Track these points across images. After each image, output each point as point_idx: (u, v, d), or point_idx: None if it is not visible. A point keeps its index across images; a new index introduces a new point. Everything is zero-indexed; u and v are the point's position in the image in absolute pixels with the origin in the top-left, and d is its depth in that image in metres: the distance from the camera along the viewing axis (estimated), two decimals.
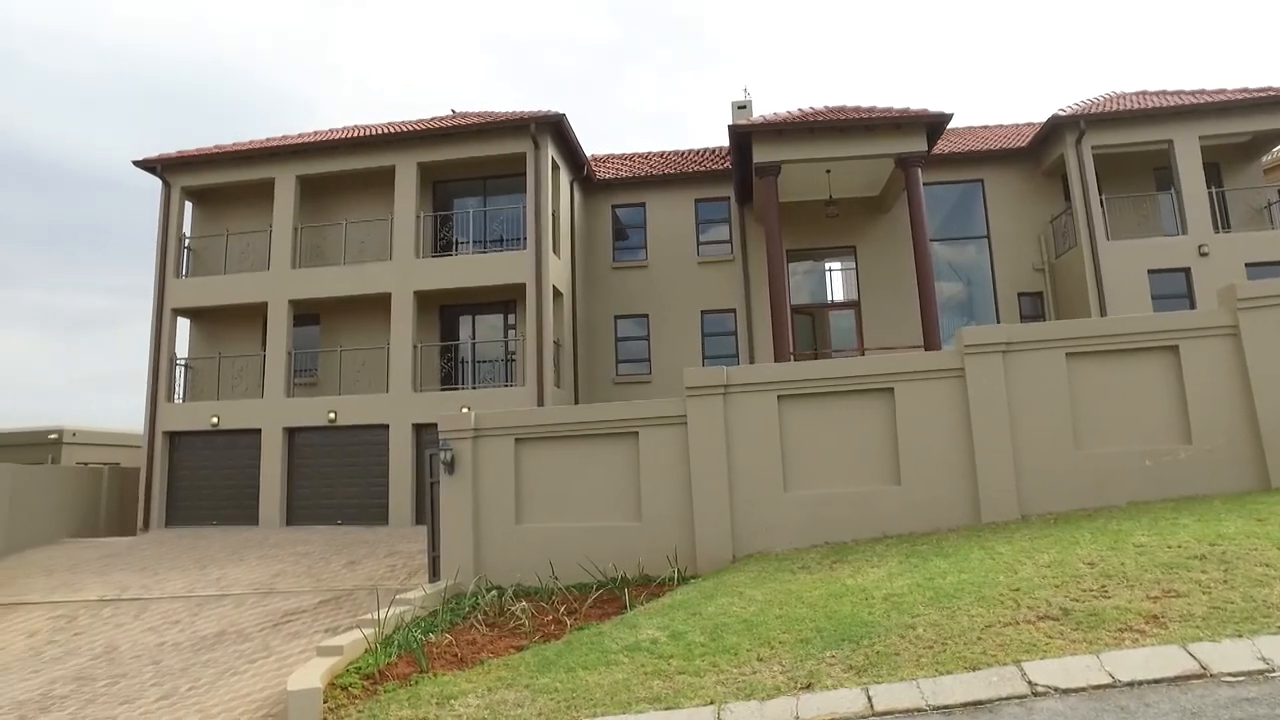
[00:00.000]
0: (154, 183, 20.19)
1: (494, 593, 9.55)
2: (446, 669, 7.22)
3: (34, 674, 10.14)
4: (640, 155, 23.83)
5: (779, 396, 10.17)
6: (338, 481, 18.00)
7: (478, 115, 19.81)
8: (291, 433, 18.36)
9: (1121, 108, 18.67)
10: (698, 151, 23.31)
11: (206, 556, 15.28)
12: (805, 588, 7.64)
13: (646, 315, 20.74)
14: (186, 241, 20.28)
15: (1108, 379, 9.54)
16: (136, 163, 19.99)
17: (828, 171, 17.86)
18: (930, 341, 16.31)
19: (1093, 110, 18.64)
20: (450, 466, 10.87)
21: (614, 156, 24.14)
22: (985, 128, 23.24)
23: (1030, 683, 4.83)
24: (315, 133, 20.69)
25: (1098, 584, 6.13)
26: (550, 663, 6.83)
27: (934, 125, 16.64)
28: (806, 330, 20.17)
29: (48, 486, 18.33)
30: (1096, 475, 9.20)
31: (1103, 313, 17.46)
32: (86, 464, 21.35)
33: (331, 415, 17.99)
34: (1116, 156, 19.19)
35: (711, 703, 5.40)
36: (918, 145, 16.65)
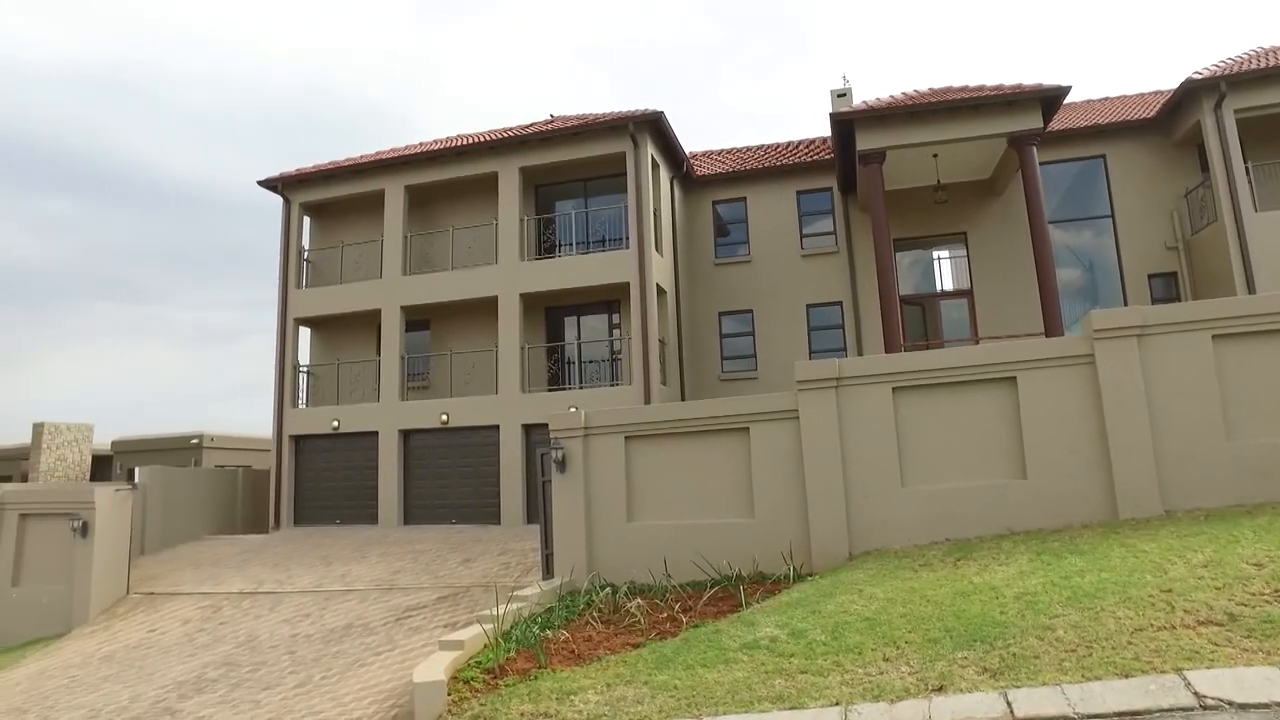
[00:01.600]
0: (277, 201, 21.33)
1: (608, 590, 9.58)
2: (564, 665, 7.27)
3: (190, 657, 10.86)
4: (739, 150, 23.57)
5: (894, 389, 9.83)
6: (451, 482, 18.54)
7: (576, 118, 20.03)
8: (406, 435, 19.04)
9: (1270, 64, 17.08)
10: (797, 143, 22.86)
11: (332, 554, 16.00)
12: (928, 585, 7.33)
13: (750, 311, 20.48)
14: (306, 254, 21.36)
15: (1264, 362, 8.76)
16: (260, 182, 21.19)
17: (935, 156, 17.17)
18: (1051, 329, 15.45)
19: (1234, 70, 17.15)
20: (561, 465, 10.99)
21: (713, 153, 23.97)
22: (1105, 100, 21.82)
23: (1197, 694, 4.42)
24: (420, 144, 21.38)
25: (1269, 587, 5.60)
26: (668, 660, 6.78)
27: (1050, 100, 15.75)
28: (916, 321, 19.47)
29: (192, 487, 19.65)
30: (1255, 468, 8.46)
31: (1251, 291, 16.09)
32: (223, 466, 22.76)
33: (444, 417, 18.56)
34: (1264, 120, 17.59)
35: (837, 703, 5.23)
36: (1032, 122, 15.79)
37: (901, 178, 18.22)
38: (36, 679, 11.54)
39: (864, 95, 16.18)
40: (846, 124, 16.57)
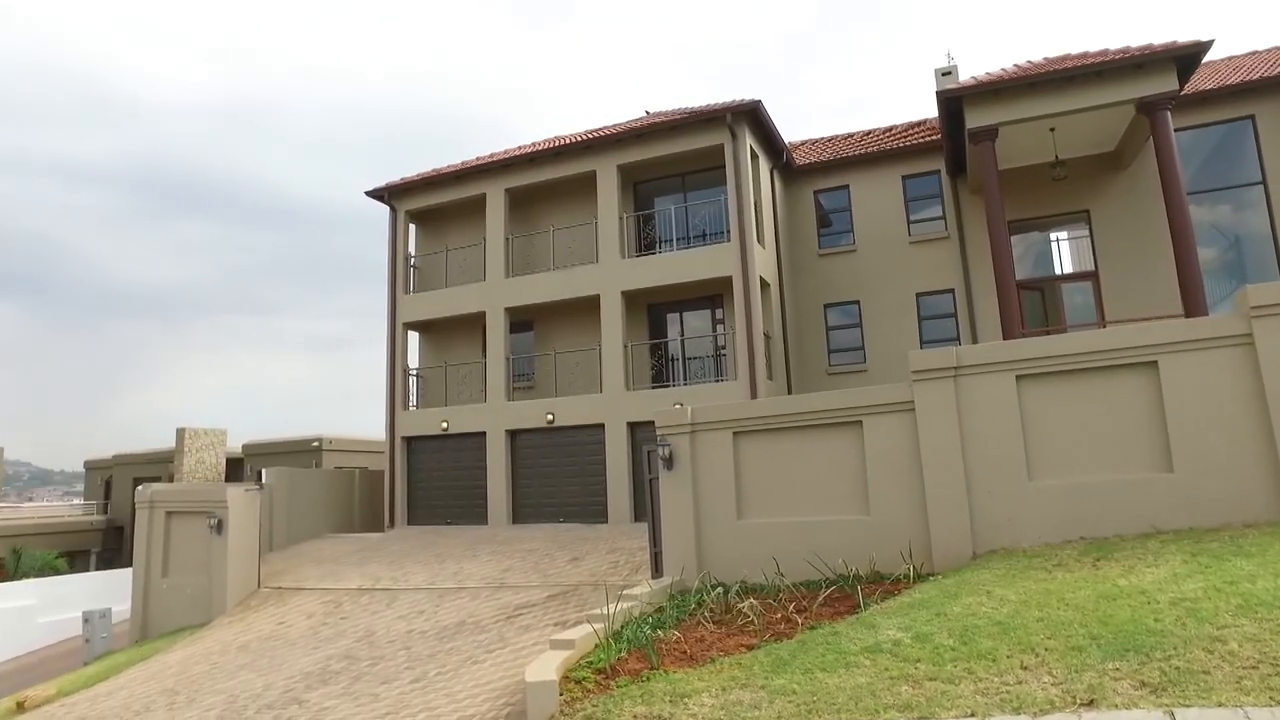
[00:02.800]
0: (385, 214, 22.05)
1: (719, 589, 9.36)
2: (676, 666, 7.09)
3: (314, 650, 11.28)
4: (839, 137, 22.87)
5: (1017, 377, 9.22)
6: (558, 481, 18.70)
7: (672, 113, 19.86)
8: (513, 435, 19.33)
9: None
10: (900, 127, 21.99)
11: (444, 552, 16.37)
12: (1065, 588, 6.79)
13: (857, 302, 19.82)
14: (412, 260, 22.00)
15: None
16: (367, 193, 21.97)
17: (1052, 130, 16.12)
18: (1192, 309, 14.23)
19: None
20: (669, 463, 10.83)
21: (812, 141, 23.36)
22: (1253, 54, 19.93)
23: None
24: (519, 147, 21.68)
25: None
26: (785, 663, 6.50)
27: (1186, 59, 14.49)
28: (1034, 306, 18.37)
29: (313, 487, 20.55)
30: None
31: None
32: (340, 468, 23.73)
33: (549, 417, 18.74)
34: None
35: (972, 715, 4.85)
36: (1165, 85, 14.57)
37: (1015, 155, 17.23)
38: (184, 664, 12.27)
39: (969, 74, 15.27)
40: (955, 101, 15.76)
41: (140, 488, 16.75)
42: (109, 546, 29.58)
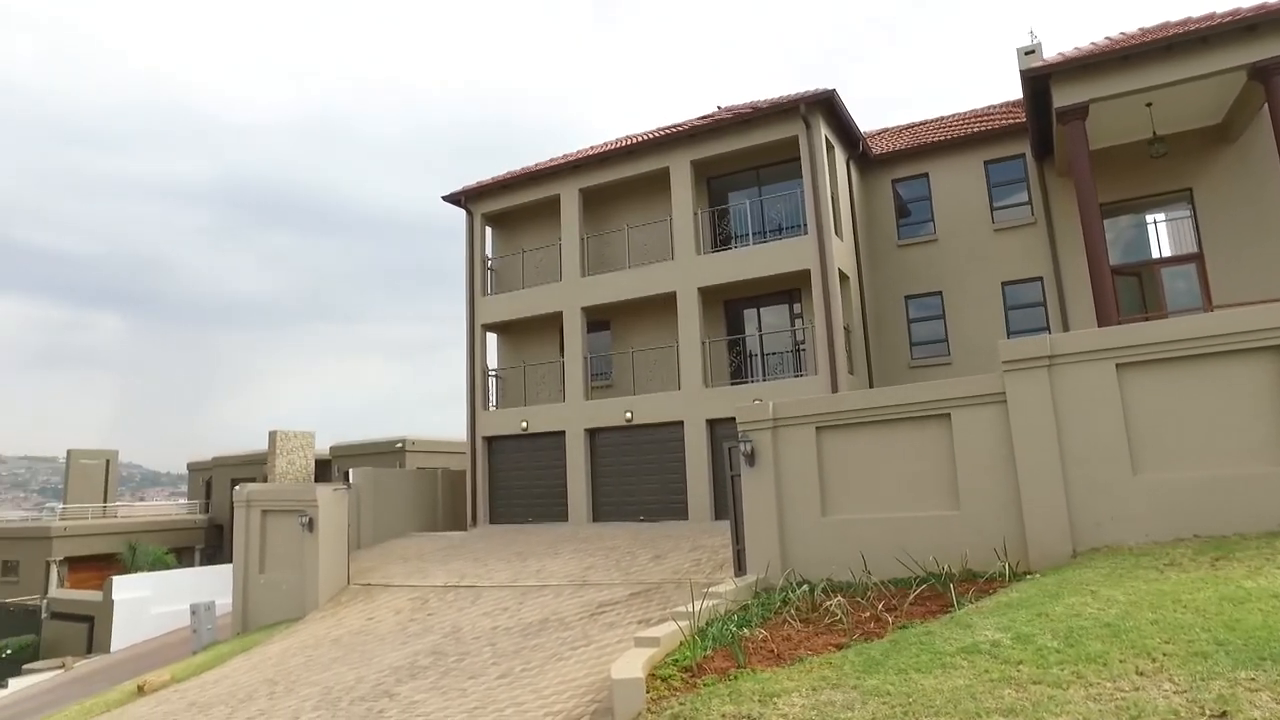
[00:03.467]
0: (461, 222, 22.47)
1: (805, 587, 9.16)
2: (764, 665, 6.96)
3: (403, 645, 11.53)
4: (916, 125, 22.23)
5: (1118, 365, 8.73)
6: (637, 479, 18.71)
7: (745, 106, 19.63)
8: (592, 433, 19.42)
9: None
10: (981, 111, 21.23)
11: (526, 550, 16.55)
12: (1182, 589, 6.37)
13: (939, 293, 19.22)
14: (489, 263, 22.33)
15: None
16: (444, 197, 22.42)
17: (1148, 105, 15.28)
18: None
19: None
20: (750, 459, 10.67)
21: (889, 130, 22.78)
22: None
23: None
24: (591, 147, 21.77)
25: None
26: (877, 663, 6.29)
27: None
28: (1130, 293, 17.44)
29: (398, 487, 21.08)
30: None
31: None
32: (423, 468, 24.28)
33: (628, 415, 18.75)
34: None
35: None
36: None
37: (1107, 134, 16.39)
38: (282, 655, 12.72)
39: (1054, 52, 14.48)
40: (1041, 80, 15.08)
41: (237, 488, 17.46)
42: (211, 543, 31.05)
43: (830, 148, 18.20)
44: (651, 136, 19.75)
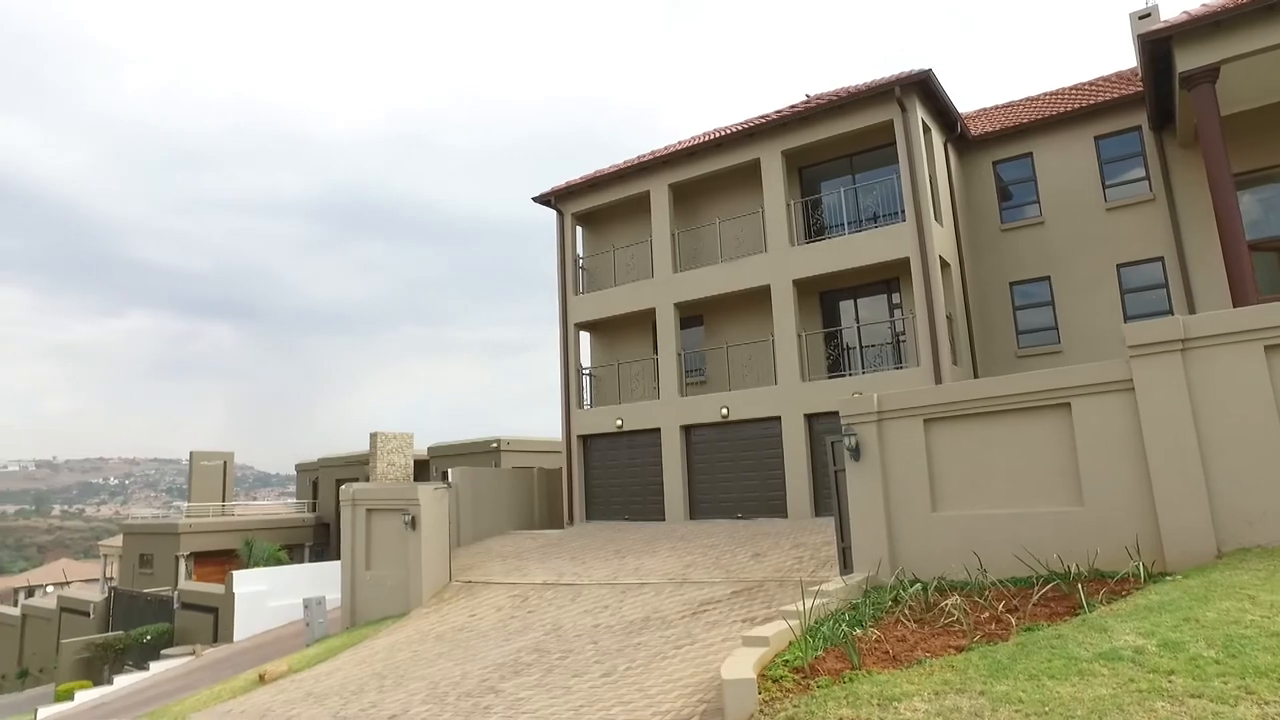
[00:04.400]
0: (544, 225, 22.70)
1: (917, 586, 8.78)
2: (879, 667, 6.66)
3: (505, 642, 11.64)
4: (1018, 103, 21.17)
5: (1266, 347, 8.01)
6: (735, 475, 18.45)
7: (835, 92, 19.11)
8: (688, 430, 19.27)
9: None
10: (1087, 84, 20.04)
11: (623, 548, 16.52)
12: None
13: (1047, 278, 18.26)
14: (580, 262, 22.45)
15: None
16: (534, 198, 22.66)
17: None
18: None
19: None
20: (855, 453, 10.32)
21: (987, 110, 21.80)
22: None
23: None
24: (679, 142, 21.60)
25: None
26: (1004, 667, 5.92)
27: None
28: (1269, 270, 16.13)
29: (495, 486, 21.41)
30: None
31: None
32: (519, 467, 24.61)
33: (724, 411, 18.51)
34: None
35: None
36: None
37: (1237, 98, 15.20)
38: (389, 650, 13.04)
39: (1169, 15, 13.28)
40: (1161, 43, 14.08)
41: (343, 487, 18.03)
42: (319, 540, 32.34)
43: (927, 130, 17.52)
44: (740, 128, 19.44)
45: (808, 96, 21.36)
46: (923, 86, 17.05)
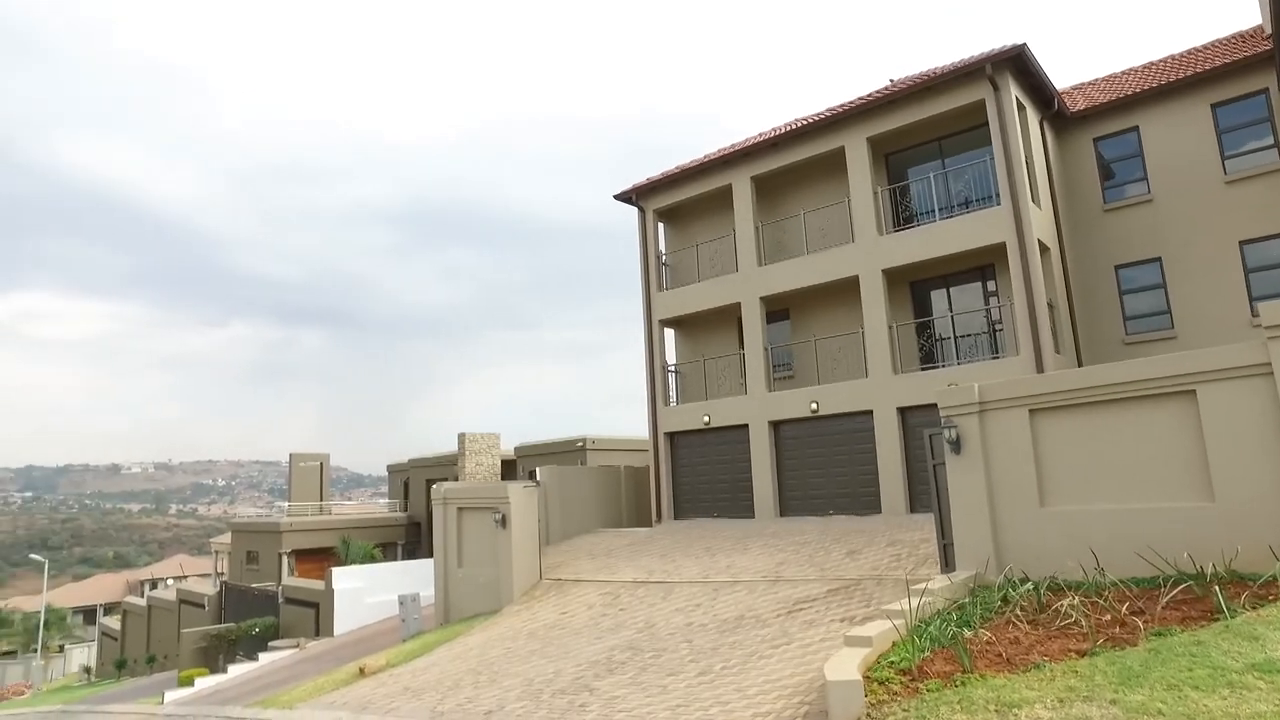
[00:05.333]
0: (621, 226, 22.64)
1: (1028, 585, 8.31)
2: (993, 670, 6.30)
3: (597, 640, 11.60)
4: (1121, 74, 20.00)
5: None
6: (825, 471, 18.02)
7: (922, 75, 18.44)
8: (776, 426, 18.92)
9: None
10: (1202, 48, 18.76)
11: (713, 545, 16.31)
12: None
13: (1158, 259, 17.16)
14: (663, 258, 22.33)
15: None
16: (616, 196, 22.67)
17: None
18: None
19: None
20: (955, 446, 9.87)
21: (1085, 85, 20.66)
22: None
23: None
24: (759, 134, 21.24)
25: None
26: (1135, 675, 5.51)
27: None
28: None
29: (582, 484, 21.49)
30: None
31: None
32: (606, 466, 24.66)
33: (813, 406, 18.10)
34: None
35: None
36: None
37: None
38: (483, 646, 13.19)
39: None
40: None
41: (435, 486, 18.39)
42: (410, 539, 33.19)
43: (1021, 109, 16.72)
44: (823, 116, 18.97)
45: (891, 82, 20.72)
46: (1016, 63, 16.28)
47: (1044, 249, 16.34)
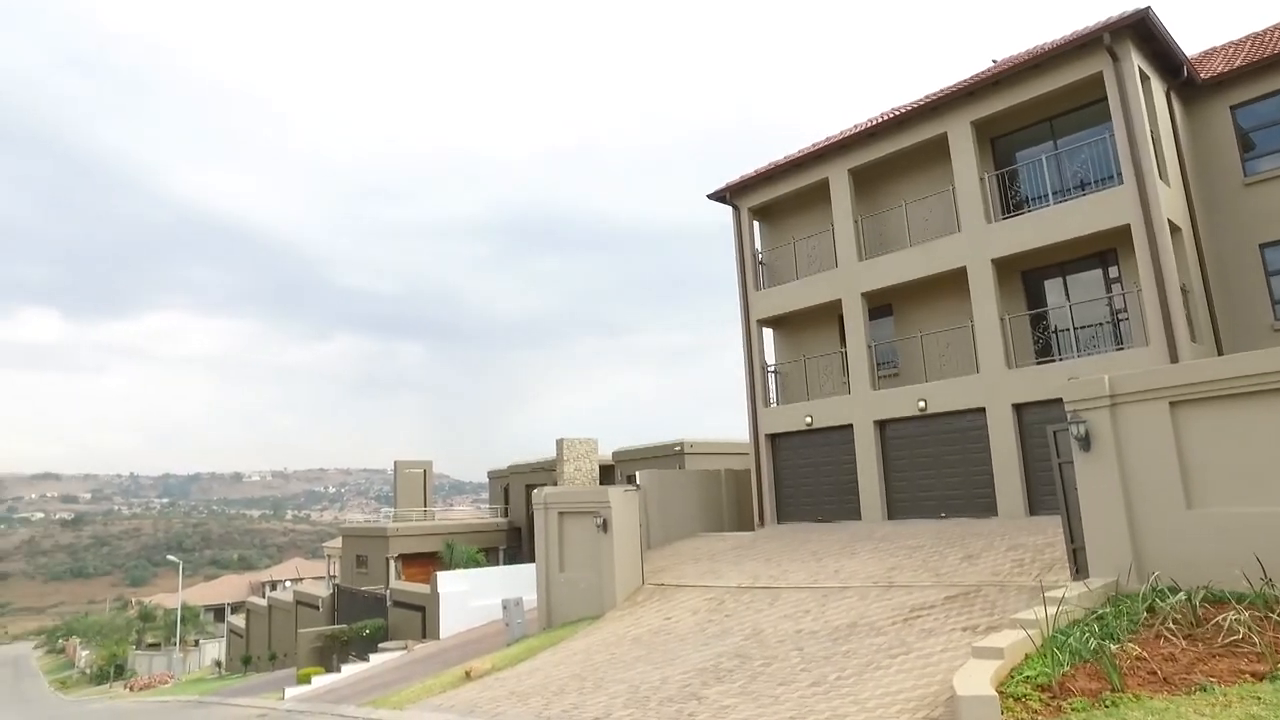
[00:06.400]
0: (709, 229, 22.32)
1: (1179, 595, 7.56)
2: (1148, 690, 5.71)
3: (703, 646, 11.31)
4: (1263, 33, 18.33)
5: None
6: (935, 472, 17.20)
7: (1030, 51, 17.42)
8: (882, 425, 18.20)
9: None
10: None
11: (820, 549, 15.77)
12: None
13: None
14: (759, 257, 21.87)
15: None
16: (709, 195, 22.35)
17: None
18: None
19: None
20: (1084, 443, 9.15)
21: (1216, 50, 19.10)
22: None
23: None
24: (855, 126, 20.55)
25: None
26: None
27: None
28: None
29: (682, 488, 21.22)
30: None
31: None
32: (706, 470, 24.31)
33: (921, 404, 17.31)
34: None
35: None
36: None
37: None
38: (587, 652, 13.07)
39: None
40: None
41: (536, 491, 18.46)
42: (511, 544, 33.65)
43: (1145, 79, 15.54)
44: (923, 102, 18.17)
45: (994, 63, 19.70)
46: (1138, 29, 15.15)
47: (1174, 230, 15.13)
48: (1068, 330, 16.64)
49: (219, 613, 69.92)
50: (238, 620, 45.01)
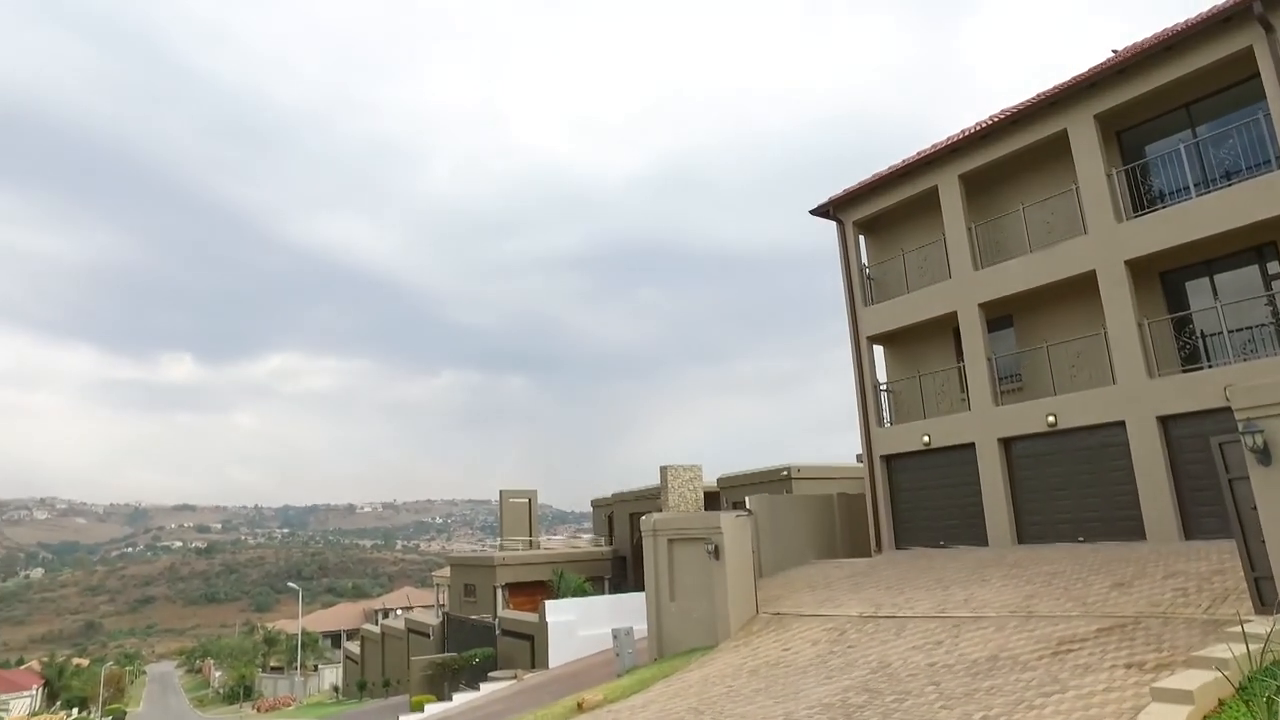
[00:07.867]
0: (811, 250, 21.63)
1: None
2: None
3: (827, 680, 10.64)
4: None
5: None
6: (1069, 492, 15.94)
7: (1158, 35, 16.18)
8: (1006, 443, 17.05)
9: None
10: None
11: (945, 576, 14.80)
12: None
13: None
14: (867, 271, 21.06)
15: None
16: (812, 211, 21.73)
17: None
18: None
19: None
20: (1263, 456, 8.14)
21: None
22: None
23: None
24: (963, 131, 19.60)
25: None
26: None
27: None
28: None
29: (793, 513, 20.46)
30: None
31: None
32: (818, 495, 23.41)
33: (1050, 419, 16.11)
34: None
35: None
36: None
37: None
38: (702, 684, 12.56)
39: None
40: None
41: (643, 518, 18.09)
42: (616, 573, 33.31)
43: None
44: (1039, 98, 17.13)
45: (1114, 53, 18.44)
46: None
47: None
48: (1218, 334, 15.17)
49: (335, 639, 72.27)
50: (353, 646, 46.27)
